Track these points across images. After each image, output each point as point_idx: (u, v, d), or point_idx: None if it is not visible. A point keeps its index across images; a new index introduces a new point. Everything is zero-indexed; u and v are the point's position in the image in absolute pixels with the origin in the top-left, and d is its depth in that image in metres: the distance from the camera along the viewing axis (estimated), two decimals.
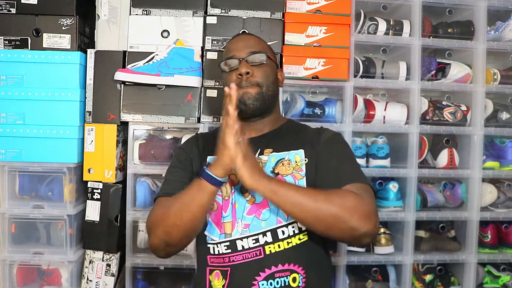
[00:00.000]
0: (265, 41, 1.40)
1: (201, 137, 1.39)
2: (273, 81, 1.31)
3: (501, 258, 1.92)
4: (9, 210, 1.72)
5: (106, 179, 1.75)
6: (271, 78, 1.31)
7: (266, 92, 1.27)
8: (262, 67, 1.28)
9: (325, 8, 1.79)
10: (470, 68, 1.91)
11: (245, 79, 1.25)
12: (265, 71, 1.29)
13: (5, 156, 1.70)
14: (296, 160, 1.24)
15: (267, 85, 1.28)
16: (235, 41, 1.35)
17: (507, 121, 1.93)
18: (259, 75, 1.27)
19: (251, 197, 1.22)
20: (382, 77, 1.89)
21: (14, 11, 1.72)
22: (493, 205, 1.93)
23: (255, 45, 1.32)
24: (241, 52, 1.29)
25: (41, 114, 1.70)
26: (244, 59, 1.27)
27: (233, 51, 1.31)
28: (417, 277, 1.93)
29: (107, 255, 1.76)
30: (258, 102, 1.26)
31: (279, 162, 1.24)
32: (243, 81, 1.25)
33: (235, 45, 1.33)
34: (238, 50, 1.30)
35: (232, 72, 1.28)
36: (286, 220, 1.19)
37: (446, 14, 1.95)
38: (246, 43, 1.32)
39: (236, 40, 1.36)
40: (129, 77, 1.66)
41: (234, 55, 1.29)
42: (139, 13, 1.76)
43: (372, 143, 1.92)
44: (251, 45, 1.31)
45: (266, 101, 1.28)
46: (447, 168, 1.91)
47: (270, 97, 1.29)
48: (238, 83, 1.24)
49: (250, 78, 1.26)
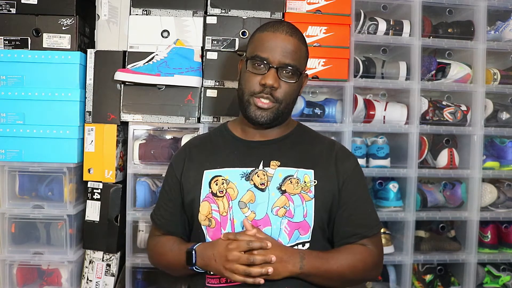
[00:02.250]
0: (305, 46, 1.23)
1: (193, 147, 1.31)
2: (294, 99, 1.22)
3: (501, 258, 1.92)
4: (9, 210, 1.72)
5: (106, 179, 1.74)
6: (294, 96, 1.21)
7: (283, 110, 1.19)
8: (290, 84, 1.17)
9: (325, 8, 1.79)
10: (470, 68, 1.91)
11: (267, 92, 1.15)
12: (292, 89, 1.18)
13: (5, 156, 1.70)
14: (305, 180, 1.18)
15: (287, 104, 1.19)
16: (274, 38, 1.17)
17: (507, 121, 1.93)
18: (284, 92, 1.16)
19: (251, 212, 1.16)
20: (382, 77, 1.89)
21: (14, 11, 1.72)
22: (493, 205, 1.93)
23: (293, 54, 1.16)
24: (275, 57, 1.14)
25: (41, 114, 1.70)
26: (276, 68, 1.14)
27: (266, 52, 1.15)
28: (417, 277, 1.93)
29: (107, 255, 1.76)
30: (271, 119, 1.18)
31: (287, 179, 1.18)
32: (264, 92, 1.15)
33: (273, 43, 1.16)
34: (273, 52, 1.15)
35: (256, 76, 1.16)
36: (288, 242, 1.15)
37: (446, 14, 1.94)
38: (285, 47, 1.16)
39: (276, 37, 1.17)
40: (129, 77, 1.66)
41: (267, 58, 1.15)
42: (139, 13, 1.76)
43: (372, 143, 1.92)
44: (289, 52, 1.16)
45: (280, 117, 1.20)
46: (447, 168, 1.91)
47: (285, 114, 1.21)
48: (256, 91, 1.16)
49: (273, 93, 1.15)
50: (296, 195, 1.17)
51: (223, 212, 1.18)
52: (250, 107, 1.18)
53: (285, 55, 1.16)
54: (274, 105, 1.17)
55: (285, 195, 1.16)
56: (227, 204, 1.17)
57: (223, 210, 1.18)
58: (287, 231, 1.15)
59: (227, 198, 1.18)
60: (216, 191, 1.19)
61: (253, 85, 1.16)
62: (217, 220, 1.18)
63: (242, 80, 1.21)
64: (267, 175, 1.18)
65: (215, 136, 1.33)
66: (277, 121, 1.21)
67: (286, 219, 1.15)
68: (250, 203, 1.17)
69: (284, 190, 1.17)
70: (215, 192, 1.19)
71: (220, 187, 1.19)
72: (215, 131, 1.36)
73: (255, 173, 1.19)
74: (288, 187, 1.17)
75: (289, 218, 1.16)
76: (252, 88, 1.17)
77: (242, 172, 1.19)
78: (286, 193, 1.17)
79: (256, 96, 1.16)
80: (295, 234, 1.16)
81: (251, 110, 1.18)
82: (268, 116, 1.17)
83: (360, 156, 1.87)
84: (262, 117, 1.17)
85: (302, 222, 1.16)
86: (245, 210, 1.17)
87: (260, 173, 1.19)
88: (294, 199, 1.16)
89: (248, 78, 1.18)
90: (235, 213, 1.17)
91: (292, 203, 1.16)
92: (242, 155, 1.23)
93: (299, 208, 1.16)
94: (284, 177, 1.18)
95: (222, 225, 1.17)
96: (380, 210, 1.88)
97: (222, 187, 1.19)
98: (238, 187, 1.18)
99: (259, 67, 1.16)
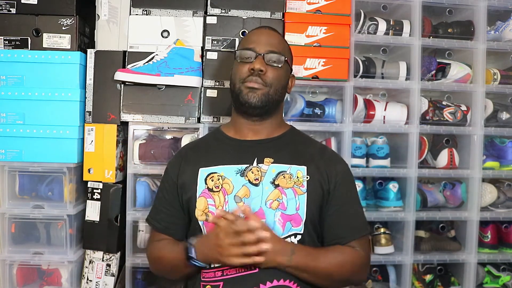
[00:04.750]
0: (287, 43, 1.35)
1: (189, 149, 1.35)
2: (283, 86, 1.28)
3: (501, 258, 1.92)
4: (9, 210, 1.72)
5: (106, 179, 1.74)
6: (282, 83, 1.27)
7: (273, 95, 1.24)
8: (276, 69, 1.24)
9: (325, 8, 1.79)
10: (470, 68, 1.91)
11: (256, 75, 1.21)
12: (279, 74, 1.25)
13: (5, 156, 1.70)
14: (298, 176, 1.21)
15: (276, 89, 1.24)
16: (258, 33, 1.30)
17: (507, 121, 1.93)
18: (272, 76, 1.23)
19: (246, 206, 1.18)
20: (382, 77, 1.89)
21: (14, 11, 1.72)
22: (493, 205, 1.93)
23: (277, 44, 1.27)
24: (261, 47, 1.24)
25: (41, 114, 1.70)
26: (262, 55, 1.23)
27: (253, 43, 1.25)
28: (417, 277, 1.93)
29: (107, 255, 1.76)
30: (262, 103, 1.22)
31: (280, 174, 1.21)
32: (253, 76, 1.22)
33: (257, 37, 1.28)
34: (259, 43, 1.25)
35: (245, 64, 1.24)
36: (282, 234, 1.17)
37: (446, 14, 1.94)
38: (269, 39, 1.27)
39: (260, 32, 1.30)
40: (129, 77, 1.66)
41: (253, 47, 1.24)
42: (139, 13, 1.76)
43: (372, 143, 1.92)
44: (273, 43, 1.26)
45: (270, 104, 1.24)
46: (447, 168, 1.91)
47: (275, 101, 1.26)
48: (245, 77, 1.22)
49: (261, 76, 1.22)
50: (289, 189, 1.20)
51: (219, 206, 1.20)
52: (242, 92, 1.23)
53: (270, 44, 1.25)
54: (264, 88, 1.22)
55: (278, 189, 1.20)
56: (223, 198, 1.20)
57: (219, 204, 1.20)
58: (280, 223, 1.18)
59: (223, 192, 1.20)
60: (212, 187, 1.21)
61: (243, 73, 1.24)
62: (214, 214, 1.19)
63: (233, 72, 1.29)
64: (261, 171, 1.21)
65: (209, 138, 1.38)
66: (268, 107, 1.24)
67: (280, 211, 1.18)
68: (246, 198, 1.19)
69: (277, 184, 1.20)
70: (211, 188, 1.21)
71: (216, 183, 1.22)
72: (209, 134, 1.41)
73: (249, 169, 1.22)
74: (281, 182, 1.20)
75: (282, 211, 1.18)
76: (242, 75, 1.24)
77: (237, 169, 1.22)
78: (279, 187, 1.20)
79: (246, 81, 1.23)
80: (287, 226, 1.18)
81: (242, 93, 1.23)
82: (259, 98, 1.22)
83: (360, 156, 1.87)
84: (254, 97, 1.22)
85: (294, 214, 1.19)
86: (240, 204, 1.19)
87: (254, 169, 1.22)
88: (287, 192, 1.19)
89: (238, 67, 1.26)
90: (231, 206, 1.19)
91: (285, 196, 1.19)
92: (236, 153, 1.26)
93: (292, 201, 1.19)
94: (277, 172, 1.22)
95: None
96: (380, 210, 1.88)
97: (218, 183, 1.21)
98: (234, 183, 1.21)
99: (246, 56, 1.24)
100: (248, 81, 1.22)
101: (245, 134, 1.29)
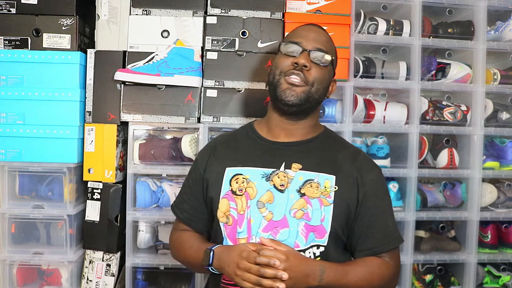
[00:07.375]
0: (334, 46, 1.29)
1: (219, 143, 1.31)
2: (324, 87, 1.22)
3: (501, 258, 1.92)
4: (9, 210, 1.72)
5: (106, 179, 1.75)
6: (324, 84, 1.21)
7: (314, 94, 1.18)
8: (321, 68, 1.19)
9: (325, 8, 1.79)
10: (470, 68, 1.91)
11: (299, 70, 1.16)
12: (323, 73, 1.20)
13: (5, 156, 1.70)
14: (326, 186, 1.17)
15: (318, 88, 1.19)
16: (307, 29, 1.25)
17: (507, 121, 1.93)
18: (315, 74, 1.18)
19: (268, 212, 1.15)
20: (382, 77, 1.89)
21: (14, 11, 1.72)
22: (493, 205, 1.93)
23: (325, 43, 1.22)
24: (308, 42, 1.19)
25: (41, 114, 1.70)
26: (308, 51, 1.17)
27: (300, 38, 1.20)
28: (417, 277, 1.93)
29: (107, 255, 1.76)
30: (301, 101, 1.17)
31: (307, 182, 1.17)
32: (296, 70, 1.16)
33: (306, 32, 1.22)
34: (306, 39, 1.20)
35: (289, 57, 1.18)
36: (305, 244, 1.14)
37: (446, 14, 1.94)
38: (317, 36, 1.22)
39: (309, 28, 1.25)
40: (129, 77, 1.66)
41: (300, 42, 1.19)
42: (139, 13, 1.76)
43: (372, 143, 1.92)
44: (321, 41, 1.21)
45: (309, 103, 1.18)
46: (447, 168, 1.91)
47: (315, 101, 1.20)
48: (287, 70, 1.17)
49: (304, 73, 1.16)
50: (315, 199, 1.15)
51: (240, 211, 1.17)
52: (280, 86, 1.18)
53: (317, 41, 1.20)
54: (305, 86, 1.17)
55: (304, 198, 1.15)
56: (245, 203, 1.17)
57: (241, 208, 1.17)
58: (304, 233, 1.15)
59: (245, 197, 1.17)
60: (236, 190, 1.19)
61: (285, 66, 1.18)
62: (234, 218, 1.17)
63: (274, 64, 1.22)
64: (287, 177, 1.17)
65: (240, 134, 1.33)
66: (306, 106, 1.19)
67: (304, 221, 1.14)
68: (269, 204, 1.16)
69: (303, 193, 1.16)
70: (235, 190, 1.19)
71: (240, 186, 1.19)
72: (241, 129, 1.35)
73: (275, 174, 1.18)
74: (307, 191, 1.16)
75: (306, 221, 1.14)
76: (284, 68, 1.18)
77: (263, 173, 1.19)
78: (305, 196, 1.16)
79: (287, 74, 1.17)
80: (310, 236, 1.15)
81: (281, 89, 1.17)
82: (298, 96, 1.16)
83: None
84: (292, 95, 1.16)
85: (318, 226, 1.15)
86: (263, 210, 1.16)
87: (281, 174, 1.18)
88: (313, 203, 1.15)
89: (280, 59, 1.20)
90: (252, 212, 1.16)
91: (311, 206, 1.15)
92: (264, 155, 1.22)
93: (317, 212, 1.15)
94: (304, 181, 1.17)
95: (238, 223, 1.17)
96: None
97: (242, 186, 1.18)
98: (258, 187, 1.18)
99: (292, 50, 1.19)
100: (289, 75, 1.17)
101: (277, 134, 1.25)
